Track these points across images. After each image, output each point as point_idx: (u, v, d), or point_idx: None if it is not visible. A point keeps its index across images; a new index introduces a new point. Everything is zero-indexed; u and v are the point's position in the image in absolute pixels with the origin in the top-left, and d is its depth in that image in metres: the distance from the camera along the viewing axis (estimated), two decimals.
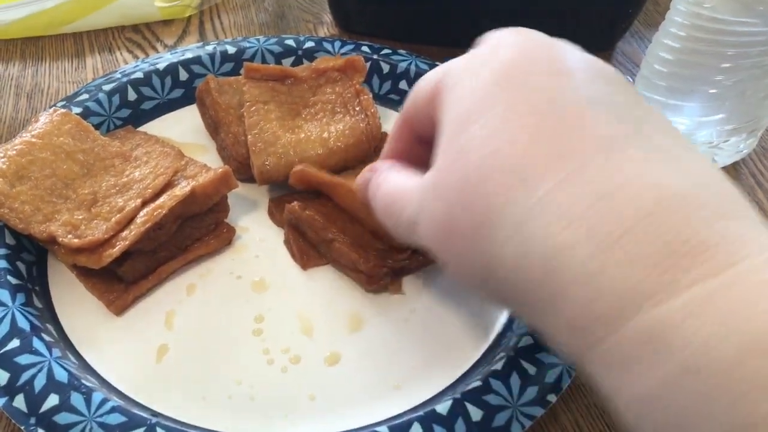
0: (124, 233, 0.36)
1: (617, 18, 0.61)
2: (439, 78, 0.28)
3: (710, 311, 0.17)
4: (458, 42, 0.61)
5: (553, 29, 0.62)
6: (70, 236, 0.35)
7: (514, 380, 0.33)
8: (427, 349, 0.37)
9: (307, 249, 0.40)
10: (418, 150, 0.32)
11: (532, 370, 0.33)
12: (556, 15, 0.60)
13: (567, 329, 0.21)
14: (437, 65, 0.52)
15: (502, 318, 0.38)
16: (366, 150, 0.44)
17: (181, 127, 0.49)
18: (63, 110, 0.41)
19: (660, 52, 0.49)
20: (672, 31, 0.48)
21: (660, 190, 0.20)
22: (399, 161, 0.32)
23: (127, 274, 0.37)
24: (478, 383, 0.33)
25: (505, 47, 0.26)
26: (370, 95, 0.46)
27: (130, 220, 0.36)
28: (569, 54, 0.25)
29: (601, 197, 0.20)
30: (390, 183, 0.31)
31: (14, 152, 0.37)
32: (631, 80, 0.60)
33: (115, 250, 0.35)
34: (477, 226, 0.23)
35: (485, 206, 0.22)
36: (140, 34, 0.60)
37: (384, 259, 0.38)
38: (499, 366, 0.34)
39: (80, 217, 0.36)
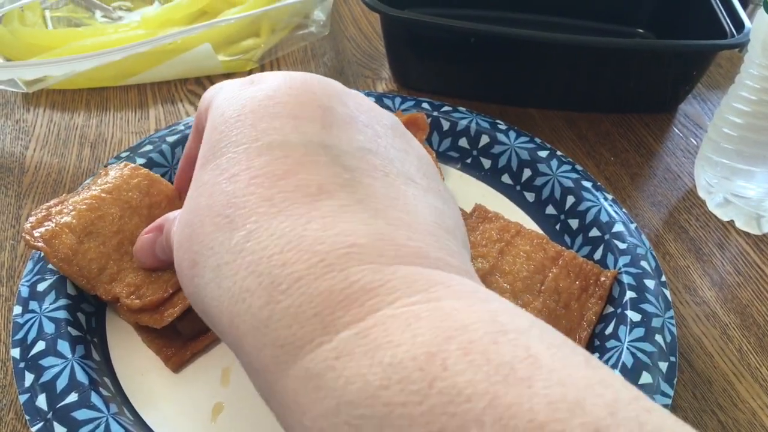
0: None
1: (680, 80, 0.60)
2: (208, 99, 0.29)
3: (357, 350, 0.19)
4: (516, 100, 0.62)
5: (616, 92, 0.62)
6: (132, 297, 0.35)
7: None
8: None
9: None
10: None
11: None
12: (620, 78, 0.60)
13: (252, 372, 0.22)
14: (498, 123, 0.52)
15: None
16: None
17: None
18: (132, 164, 0.41)
19: (729, 116, 0.48)
20: (743, 95, 0.47)
21: (336, 241, 0.21)
22: None
23: (186, 330, 0.37)
24: None
25: (271, 81, 0.27)
26: (434, 153, 0.46)
27: None
28: (317, 93, 0.27)
29: (283, 250, 0.21)
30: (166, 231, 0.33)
31: (84, 206, 0.37)
32: (695, 143, 0.59)
33: (176, 309, 0.35)
34: (191, 265, 0.24)
35: (198, 245, 0.24)
36: (202, 86, 0.61)
37: None
38: None
39: (143, 276, 0.36)
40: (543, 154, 0.50)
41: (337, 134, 0.25)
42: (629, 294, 0.40)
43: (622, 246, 0.43)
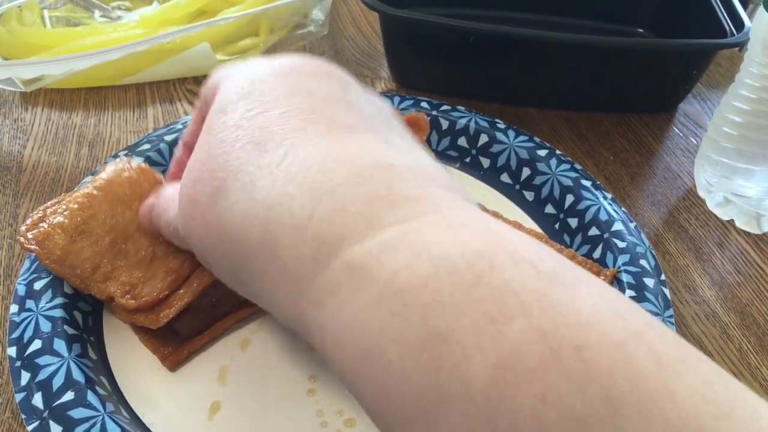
0: (181, 291, 0.35)
1: (680, 79, 0.60)
2: (217, 79, 0.29)
3: (403, 245, 0.19)
4: (516, 99, 0.61)
5: (616, 91, 0.62)
6: (127, 297, 0.35)
7: None
8: None
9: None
10: None
11: None
12: (620, 77, 0.60)
13: (282, 282, 0.22)
14: (497, 122, 0.52)
15: None
16: None
17: None
18: (125, 158, 0.41)
19: (729, 115, 0.48)
20: (742, 94, 0.46)
21: (377, 159, 0.22)
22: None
23: (183, 330, 0.36)
24: None
25: (281, 59, 0.28)
26: (433, 153, 0.46)
27: (187, 277, 0.36)
28: (328, 67, 0.28)
29: (325, 161, 0.22)
30: (161, 196, 0.33)
31: (75, 206, 0.37)
32: (695, 142, 0.59)
33: (172, 310, 0.35)
34: (213, 192, 0.24)
35: (223, 172, 0.24)
36: (200, 85, 0.61)
37: None
38: None
39: (138, 275, 0.36)
40: (542, 153, 0.50)
41: (355, 97, 0.27)
42: (628, 293, 0.39)
43: (621, 245, 0.43)
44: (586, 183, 0.47)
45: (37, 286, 0.38)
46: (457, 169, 0.51)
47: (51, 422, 0.31)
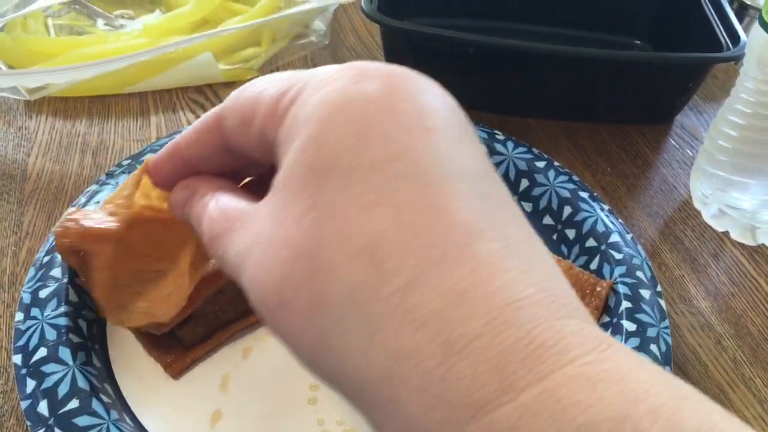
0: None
1: (677, 92, 0.60)
2: (296, 87, 0.24)
3: (544, 412, 0.18)
4: (515, 110, 0.62)
5: (614, 102, 0.63)
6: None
7: None
8: None
9: None
10: (221, 159, 0.28)
11: None
12: (617, 89, 0.60)
13: (399, 430, 0.20)
14: (496, 133, 0.52)
15: None
16: None
17: None
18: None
19: (724, 128, 0.49)
20: (738, 108, 0.47)
21: (505, 294, 0.19)
22: (214, 177, 0.28)
23: (187, 337, 0.37)
24: None
25: (384, 78, 0.22)
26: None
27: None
28: (437, 102, 0.23)
29: (455, 300, 0.19)
30: (220, 203, 0.26)
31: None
32: (691, 154, 0.59)
33: (176, 317, 0.35)
34: (314, 306, 0.20)
35: (326, 285, 0.20)
36: (203, 94, 0.62)
37: None
38: None
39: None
40: (540, 164, 0.50)
41: (462, 152, 0.22)
42: (625, 304, 0.40)
43: (618, 256, 0.43)
44: (584, 194, 0.48)
45: (42, 294, 0.38)
46: None
47: (56, 430, 0.32)
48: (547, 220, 0.48)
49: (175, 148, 0.29)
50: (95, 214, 0.33)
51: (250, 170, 0.30)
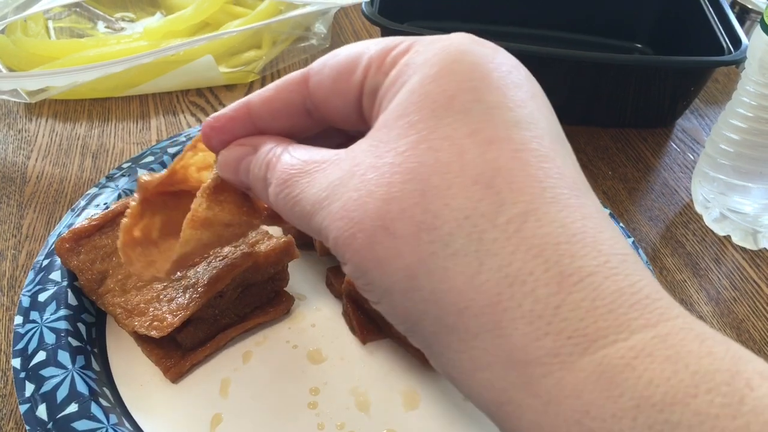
0: (186, 302, 0.36)
1: (678, 96, 0.60)
2: (405, 43, 0.24)
3: (658, 354, 0.18)
4: None
5: (615, 106, 0.63)
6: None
7: None
8: (485, 431, 0.36)
9: (367, 323, 0.40)
10: (294, 120, 0.27)
11: None
12: (618, 93, 0.60)
13: (502, 363, 0.20)
14: None
15: None
16: None
17: None
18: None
19: (726, 132, 0.48)
20: (739, 111, 0.47)
21: (613, 246, 0.20)
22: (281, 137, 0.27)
23: (186, 341, 0.37)
24: None
25: (487, 46, 0.24)
26: None
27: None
28: (529, 77, 0.25)
29: (572, 237, 0.20)
30: (296, 153, 0.25)
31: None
32: (692, 158, 0.59)
33: (176, 319, 0.35)
34: (419, 228, 0.20)
35: (441, 209, 0.20)
36: (203, 97, 0.62)
37: None
38: None
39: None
40: None
41: (553, 119, 0.24)
42: None
43: None
44: None
45: (42, 297, 0.38)
46: None
47: None
48: None
49: (244, 103, 0.28)
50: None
51: (316, 142, 0.28)
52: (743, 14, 0.68)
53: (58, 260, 0.39)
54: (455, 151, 0.21)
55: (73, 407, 0.33)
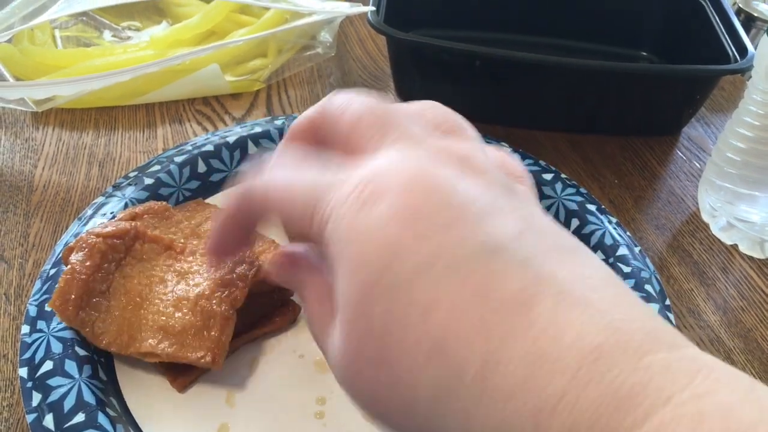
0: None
1: (684, 104, 0.60)
2: (319, 211, 0.24)
3: None
4: (521, 122, 0.62)
5: (620, 115, 0.63)
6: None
7: None
8: None
9: None
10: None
11: None
12: (624, 101, 0.60)
13: None
14: (503, 144, 0.52)
15: None
16: None
17: None
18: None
19: (733, 141, 0.48)
20: (746, 120, 0.47)
21: (579, 348, 0.19)
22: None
23: None
24: None
25: (389, 198, 0.22)
26: None
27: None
28: (456, 188, 0.23)
29: (529, 367, 0.20)
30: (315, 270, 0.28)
31: None
32: (698, 166, 0.59)
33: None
34: (406, 410, 0.22)
35: (413, 389, 0.21)
36: (210, 106, 0.62)
37: None
38: None
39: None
40: (548, 176, 0.50)
41: (490, 228, 0.22)
42: None
43: (626, 269, 0.43)
44: (591, 207, 0.48)
45: (49, 307, 0.38)
46: None
47: None
48: None
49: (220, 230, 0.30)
50: None
51: None
52: (749, 22, 0.68)
53: (65, 269, 0.39)
54: (403, 330, 0.22)
55: (80, 417, 0.33)
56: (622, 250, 0.44)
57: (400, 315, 0.21)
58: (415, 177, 0.23)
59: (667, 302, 0.41)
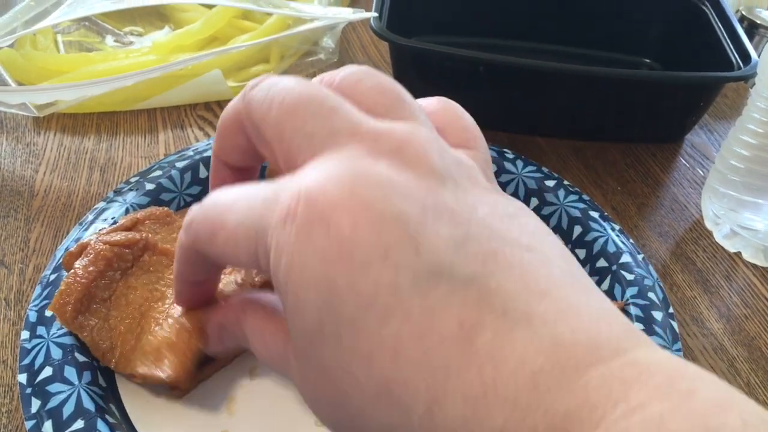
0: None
1: (687, 111, 0.60)
2: (261, 240, 0.23)
3: None
4: (524, 128, 0.62)
5: (623, 121, 0.62)
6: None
7: None
8: None
9: None
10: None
11: None
12: (627, 108, 0.60)
13: None
14: (505, 152, 0.52)
15: None
16: None
17: None
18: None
19: (736, 148, 0.48)
20: (750, 128, 0.47)
21: (518, 377, 0.19)
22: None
23: None
24: None
25: (330, 186, 0.21)
26: None
27: None
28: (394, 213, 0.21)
29: (473, 406, 0.19)
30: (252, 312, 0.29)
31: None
32: (701, 173, 0.59)
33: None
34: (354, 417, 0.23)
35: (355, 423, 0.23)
36: (211, 111, 0.62)
37: None
38: None
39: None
40: (550, 183, 0.50)
41: (427, 244, 0.21)
42: (637, 325, 0.40)
43: (629, 277, 0.43)
44: (594, 214, 0.48)
45: (49, 312, 0.38)
46: None
47: None
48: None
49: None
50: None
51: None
52: (752, 29, 0.68)
53: (65, 275, 0.39)
54: (348, 377, 0.22)
55: (79, 424, 0.33)
56: (626, 258, 0.44)
57: (346, 362, 0.21)
58: (347, 189, 0.21)
59: (671, 310, 0.41)
